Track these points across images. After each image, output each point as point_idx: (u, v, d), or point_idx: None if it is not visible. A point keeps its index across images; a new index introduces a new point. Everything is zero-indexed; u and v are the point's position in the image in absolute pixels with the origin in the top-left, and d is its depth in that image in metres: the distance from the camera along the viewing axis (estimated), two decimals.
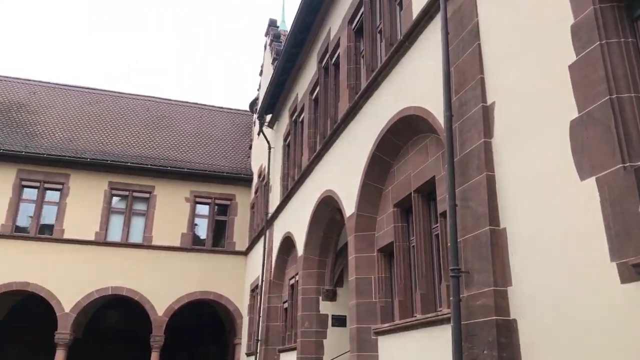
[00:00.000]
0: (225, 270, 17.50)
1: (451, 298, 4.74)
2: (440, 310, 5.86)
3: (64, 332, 15.55)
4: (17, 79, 20.97)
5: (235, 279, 17.47)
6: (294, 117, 13.01)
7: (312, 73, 11.55)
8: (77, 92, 21.07)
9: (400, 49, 6.88)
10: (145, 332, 16.45)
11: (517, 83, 4.50)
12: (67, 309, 15.73)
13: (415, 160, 6.82)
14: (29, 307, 17.16)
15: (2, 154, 16.42)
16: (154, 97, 22.37)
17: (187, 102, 22.77)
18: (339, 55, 9.81)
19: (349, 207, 8.17)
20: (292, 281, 12.12)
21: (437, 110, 5.82)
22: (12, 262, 15.73)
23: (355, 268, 7.63)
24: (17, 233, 16.30)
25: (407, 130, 6.91)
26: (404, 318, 6.65)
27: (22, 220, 16.72)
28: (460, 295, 4.68)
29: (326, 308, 10.39)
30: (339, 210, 9.03)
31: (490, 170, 4.67)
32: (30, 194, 16.83)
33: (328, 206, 9.70)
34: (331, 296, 10.40)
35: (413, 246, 6.84)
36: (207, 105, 23.03)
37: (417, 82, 6.47)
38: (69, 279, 15.95)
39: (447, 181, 5.08)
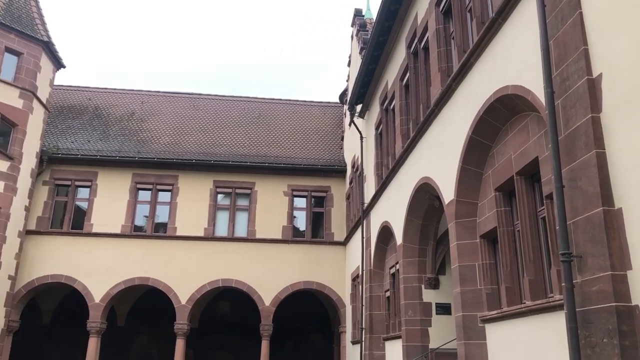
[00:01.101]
0: (325, 260, 17.89)
1: (563, 284, 4.52)
2: (552, 297, 5.61)
3: (181, 322, 16.76)
4: (125, 90, 22.79)
5: (336, 269, 17.80)
6: (384, 105, 12.94)
7: (401, 59, 11.41)
8: (179, 98, 22.47)
9: (493, 26, 6.61)
10: (255, 321, 17.27)
11: (627, 51, 4.17)
12: (183, 301, 16.93)
13: (516, 141, 6.54)
14: (150, 300, 18.67)
15: (118, 160, 17.97)
16: (249, 97, 23.26)
17: (280, 100, 23.42)
18: (427, 38, 9.60)
19: (448, 193, 8.02)
20: (393, 270, 12.12)
21: (536, 88, 5.54)
22: (133, 259, 17.20)
23: (458, 255, 7.49)
24: (136, 232, 17.75)
25: (505, 110, 6.64)
26: (512, 305, 6.44)
27: (139, 220, 18.19)
28: (573, 281, 4.45)
29: (429, 296, 10.29)
30: (437, 197, 8.89)
31: (599, 147, 4.37)
32: (144, 195, 18.26)
33: (425, 193, 9.57)
34: (434, 284, 10.28)
35: (518, 231, 6.59)
36: (299, 101, 23.54)
37: (512, 60, 6.20)
38: (183, 273, 17.15)
39: (552, 161, 4.84)
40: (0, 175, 15.59)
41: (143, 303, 19.40)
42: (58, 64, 18.23)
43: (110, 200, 17.76)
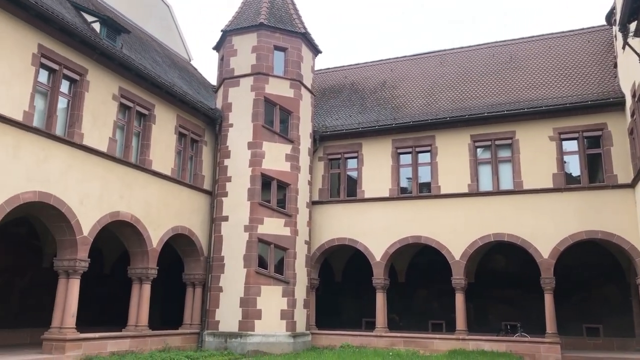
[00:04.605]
0: (609, 206, 15.94)
1: None
2: None
3: (458, 277, 17.16)
4: (375, 62, 24.07)
5: (623, 214, 15.71)
6: None
7: None
8: (425, 59, 22.67)
9: None
10: (534, 274, 16.60)
11: None
12: (456, 257, 17.28)
13: None
14: (425, 257, 19.58)
15: (377, 129, 19.16)
16: (497, 42, 22.05)
17: (531, 37, 21.55)
18: None
19: None
20: None
21: None
22: (404, 220, 18.24)
23: None
24: (402, 194, 18.75)
25: None
26: None
27: (404, 182, 19.16)
28: None
29: None
30: None
31: None
32: (405, 159, 19.10)
33: None
34: None
35: None
36: (555, 33, 21.25)
37: None
38: (453, 229, 17.47)
39: None
40: (286, 157, 18.23)
41: (419, 260, 20.45)
42: (315, 50, 20.22)
43: (375, 167, 19.13)
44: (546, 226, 16.44)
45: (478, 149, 18.15)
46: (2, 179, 11.24)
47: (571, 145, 17.14)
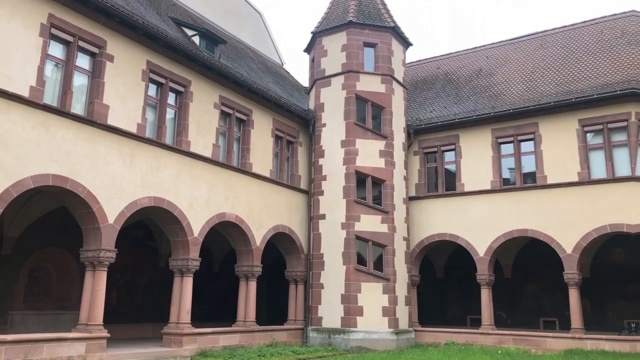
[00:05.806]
0: None
1: None
2: None
3: (571, 272, 16.06)
4: (468, 50, 23.24)
5: None
6: None
7: None
8: (524, 42, 21.49)
9: None
10: None
11: None
12: (568, 251, 16.18)
13: None
14: (533, 251, 18.56)
15: (475, 119, 18.43)
16: (605, 16, 20.34)
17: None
18: None
19: None
20: None
21: None
22: (508, 212, 17.39)
23: None
24: (505, 186, 17.89)
25: None
26: None
27: (506, 173, 18.26)
28: None
29: None
30: None
31: None
32: (507, 149, 18.19)
33: None
34: None
35: None
36: None
37: None
38: (562, 221, 16.38)
39: None
40: (380, 153, 18.12)
41: (526, 254, 19.43)
42: (406, 43, 19.92)
43: (475, 158, 18.44)
44: None
45: (588, 134, 16.87)
46: (122, 187, 12.29)
47: None
